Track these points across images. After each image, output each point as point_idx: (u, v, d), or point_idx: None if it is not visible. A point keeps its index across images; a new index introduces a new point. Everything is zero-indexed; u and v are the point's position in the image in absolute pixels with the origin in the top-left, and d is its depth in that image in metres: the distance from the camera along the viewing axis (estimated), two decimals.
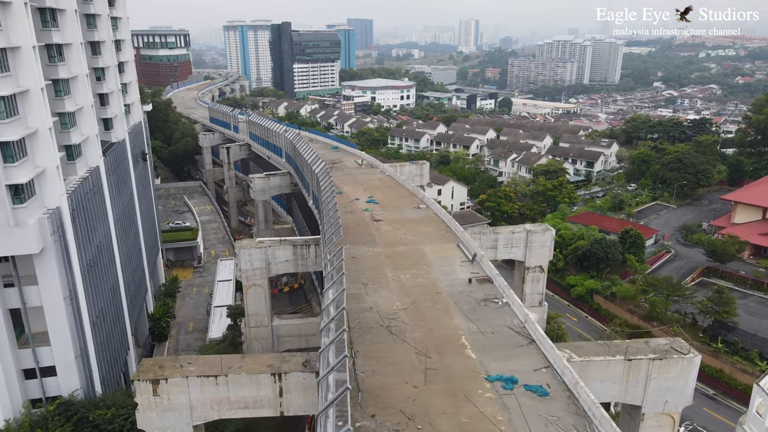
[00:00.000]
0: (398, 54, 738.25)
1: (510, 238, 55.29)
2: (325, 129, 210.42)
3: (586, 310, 76.94)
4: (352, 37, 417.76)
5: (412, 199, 62.09)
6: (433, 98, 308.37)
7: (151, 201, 73.57)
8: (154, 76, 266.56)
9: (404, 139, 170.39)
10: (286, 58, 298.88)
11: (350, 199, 63.28)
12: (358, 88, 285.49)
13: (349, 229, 52.69)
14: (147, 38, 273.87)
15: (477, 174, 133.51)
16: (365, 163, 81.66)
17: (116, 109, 58.84)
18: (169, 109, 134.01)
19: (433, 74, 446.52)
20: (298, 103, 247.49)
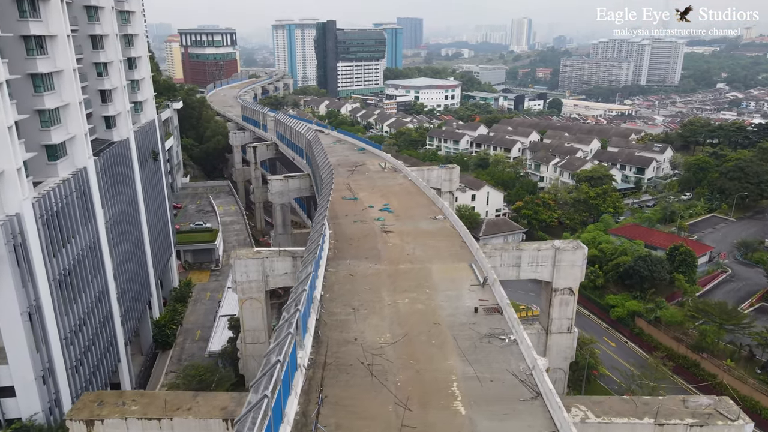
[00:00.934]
0: (447, 53, 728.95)
1: (535, 256, 49.18)
2: (365, 129, 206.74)
3: (626, 334, 69.51)
4: (399, 36, 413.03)
5: (431, 209, 56.77)
6: (479, 98, 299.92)
7: (164, 201, 70.88)
8: (201, 74, 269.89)
9: (443, 141, 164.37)
10: (330, 57, 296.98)
11: (364, 206, 58.56)
12: (402, 87, 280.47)
13: (354, 241, 48.01)
14: (194, 37, 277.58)
15: (516, 178, 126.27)
16: (389, 167, 76.76)
17: (120, 106, 56.02)
18: (203, 107, 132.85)
19: (481, 74, 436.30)
20: (339, 102, 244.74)
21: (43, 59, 40.24)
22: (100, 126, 54.66)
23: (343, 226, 52.41)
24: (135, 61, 64.52)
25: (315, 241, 36.87)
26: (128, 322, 53.39)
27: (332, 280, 39.74)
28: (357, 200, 61.03)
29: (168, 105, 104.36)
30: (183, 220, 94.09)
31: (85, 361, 42.31)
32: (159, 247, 67.05)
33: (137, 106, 65.16)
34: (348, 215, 55.60)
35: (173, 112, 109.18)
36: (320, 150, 66.25)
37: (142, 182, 61.12)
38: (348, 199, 61.55)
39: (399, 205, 58.45)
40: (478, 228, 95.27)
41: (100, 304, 46.08)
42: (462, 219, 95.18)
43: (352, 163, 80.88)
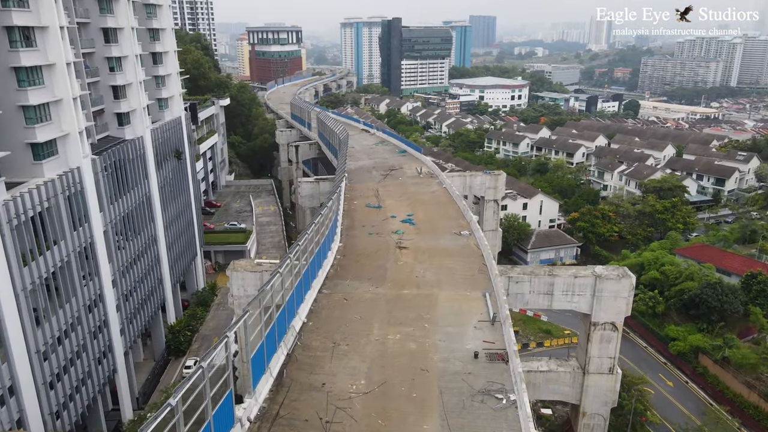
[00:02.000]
0: (520, 52, 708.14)
1: (571, 284, 42.30)
2: (423, 128, 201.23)
3: (687, 372, 60.53)
4: (468, 34, 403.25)
5: (458, 222, 50.78)
6: (548, 99, 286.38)
7: (189, 201, 68.58)
8: (266, 71, 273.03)
9: (502, 143, 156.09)
10: (394, 55, 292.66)
11: (386, 215, 53.41)
12: (466, 86, 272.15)
13: (362, 257, 42.96)
14: (261, 35, 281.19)
15: (577, 186, 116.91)
16: (425, 172, 71.11)
17: (135, 103, 53.64)
18: (253, 104, 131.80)
19: (554, 73, 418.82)
20: (400, 101, 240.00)
21: (29, 52, 37.71)
22: (112, 123, 52.37)
23: (356, 238, 47.54)
24: (160, 57, 62.36)
25: (309, 258, 32.11)
26: (131, 330, 50.88)
27: (323, 305, 34.89)
28: (381, 208, 56.02)
29: (213, 102, 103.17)
30: (220, 219, 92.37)
31: (67, 374, 39.66)
32: (180, 248, 64.75)
33: (161, 103, 63.04)
34: (365, 226, 50.65)
35: (219, 108, 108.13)
36: (343, 153, 61.72)
37: (159, 182, 58.72)
38: (372, 206, 56.62)
39: (424, 216, 52.88)
40: (527, 240, 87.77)
41: (91, 312, 43.47)
42: (510, 230, 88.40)
43: (389, 166, 75.85)
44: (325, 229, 41.12)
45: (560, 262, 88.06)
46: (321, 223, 40.62)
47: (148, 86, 61.91)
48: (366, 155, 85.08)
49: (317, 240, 38.87)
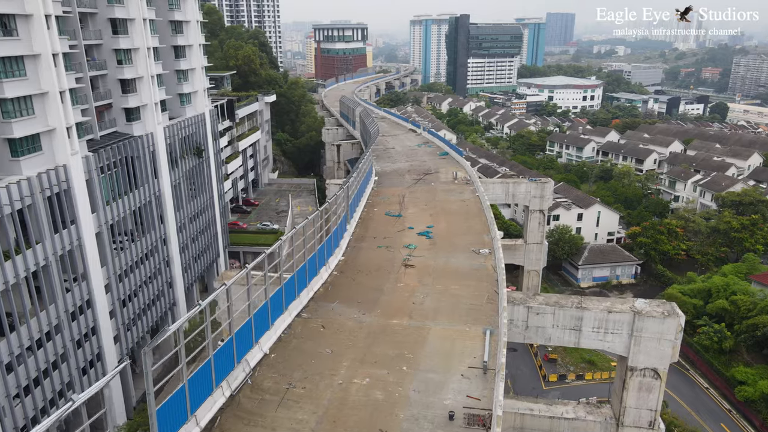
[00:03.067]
0: (599, 51, 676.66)
1: (604, 320, 35.54)
2: (485, 129, 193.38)
3: (756, 424, 51.49)
4: (541, 32, 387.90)
5: (480, 238, 44.72)
6: (624, 100, 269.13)
7: (211, 200, 66.15)
8: (330, 68, 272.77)
9: (565, 146, 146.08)
10: (460, 52, 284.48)
11: (404, 226, 48.17)
12: (535, 86, 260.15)
13: (360, 275, 38.01)
14: (326, 32, 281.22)
15: (643, 196, 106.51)
16: (461, 178, 65.08)
17: (146, 98, 51.20)
18: (302, 101, 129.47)
19: (633, 73, 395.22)
20: (463, 100, 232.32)
21: (6, 41, 35.37)
22: (121, 118, 50.11)
23: (362, 251, 42.68)
24: (183, 50, 59.99)
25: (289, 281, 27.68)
26: (130, 336, 48.43)
27: (296, 332, 30.27)
28: (400, 218, 50.85)
29: (257, 98, 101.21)
30: (258, 218, 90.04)
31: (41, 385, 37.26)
32: (198, 249, 62.29)
33: (183, 99, 60.70)
34: (377, 237, 45.68)
35: (264, 105, 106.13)
36: (368, 155, 56.93)
37: (173, 180, 56.30)
38: (391, 215, 51.54)
39: (445, 229, 47.24)
40: (579, 255, 79.65)
41: (77, 319, 41.05)
42: (559, 243, 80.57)
43: (424, 170, 70.38)
44: (316, 242, 36.60)
45: (616, 280, 79.44)
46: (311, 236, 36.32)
47: (169, 81, 59.81)
48: (404, 157, 79.94)
49: (303, 254, 34.61)
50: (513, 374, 59.11)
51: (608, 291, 77.90)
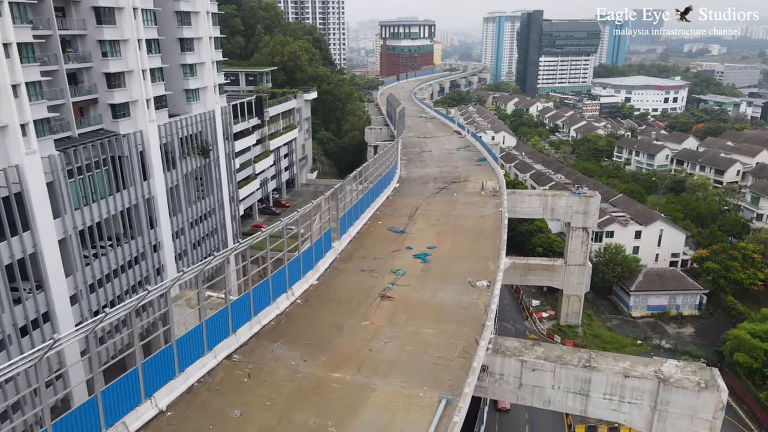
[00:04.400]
0: (690, 50, 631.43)
1: (618, 385, 27.86)
2: (550, 132, 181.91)
3: None
4: (624, 29, 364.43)
5: (485, 266, 37.56)
6: (713, 103, 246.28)
7: (220, 203, 62.41)
8: (395, 66, 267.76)
9: (635, 153, 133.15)
10: (532, 50, 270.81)
11: (402, 245, 41.82)
12: (611, 86, 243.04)
13: (325, 307, 32.10)
14: (392, 29, 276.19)
15: (720, 213, 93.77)
16: (490, 188, 57.60)
17: (136, 93, 47.62)
18: (348, 99, 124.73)
19: (726, 74, 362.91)
20: (530, 101, 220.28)
21: None
22: (107, 115, 46.75)
23: (341, 275, 36.84)
24: (190, 43, 56.29)
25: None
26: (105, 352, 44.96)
27: (214, 381, 24.80)
28: (403, 234, 44.54)
29: (294, 96, 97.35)
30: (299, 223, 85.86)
31: None
32: (200, 255, 58.62)
33: (189, 94, 57.09)
34: (366, 257, 39.65)
35: (304, 103, 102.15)
36: (370, 163, 50.81)
37: (170, 182, 52.72)
38: (394, 230, 45.30)
39: (447, 251, 40.46)
40: (632, 279, 69.81)
41: (29, 333, 37.75)
42: (609, 264, 70.98)
43: (453, 177, 63.44)
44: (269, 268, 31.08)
45: (675, 311, 69.05)
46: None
47: (175, 76, 56.36)
48: (437, 162, 73.15)
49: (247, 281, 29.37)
50: (533, 419, 51.41)
51: (665, 323, 67.65)
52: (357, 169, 46.09)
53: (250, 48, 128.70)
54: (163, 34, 54.49)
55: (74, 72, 45.17)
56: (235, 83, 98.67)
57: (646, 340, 63.32)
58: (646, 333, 64.52)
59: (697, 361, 60.89)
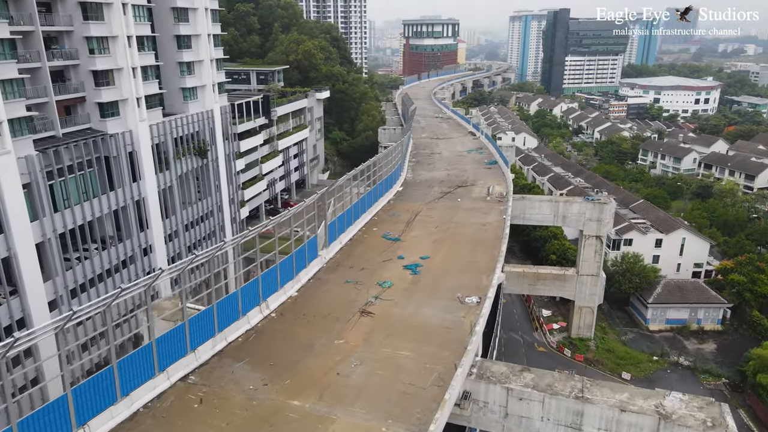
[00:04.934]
0: (725, 50, 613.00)
1: (613, 420, 25.01)
2: (573, 133, 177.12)
3: None
4: (655, 28, 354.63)
5: (478, 280, 34.88)
6: (747, 104, 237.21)
7: (219, 205, 60.90)
8: (417, 65, 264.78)
9: (660, 156, 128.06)
10: (557, 50, 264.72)
11: (395, 254, 39.41)
12: (639, 86, 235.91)
13: (298, 322, 29.86)
14: (415, 28, 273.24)
15: (748, 221, 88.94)
16: (497, 194, 54.79)
17: (126, 91, 46.18)
18: (363, 99, 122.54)
19: (761, 74, 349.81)
20: (554, 101, 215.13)
21: None
22: (95, 114, 45.38)
23: (324, 286, 34.63)
24: (186, 40, 54.77)
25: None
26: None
27: (163, 406, 22.68)
28: (397, 242, 42.11)
29: (306, 95, 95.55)
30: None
31: None
32: None
33: (186, 93, 55.58)
34: (354, 267, 37.35)
35: (316, 102, 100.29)
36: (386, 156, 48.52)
37: (162, 183, 51.26)
38: (389, 238, 42.92)
39: (441, 262, 37.93)
40: (650, 290, 66.09)
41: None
42: (626, 274, 67.33)
43: (460, 181, 60.75)
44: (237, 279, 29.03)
45: (696, 325, 65.13)
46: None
47: (172, 74, 54.92)
48: (446, 164, 70.47)
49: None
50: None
51: (684, 338, 63.80)
52: (354, 170, 43.79)
53: (267, 47, 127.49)
54: (159, 31, 53.15)
55: (61, 69, 43.90)
56: (246, 82, 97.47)
57: (663, 356, 59.62)
58: (664, 349, 60.80)
59: (718, 381, 57.27)
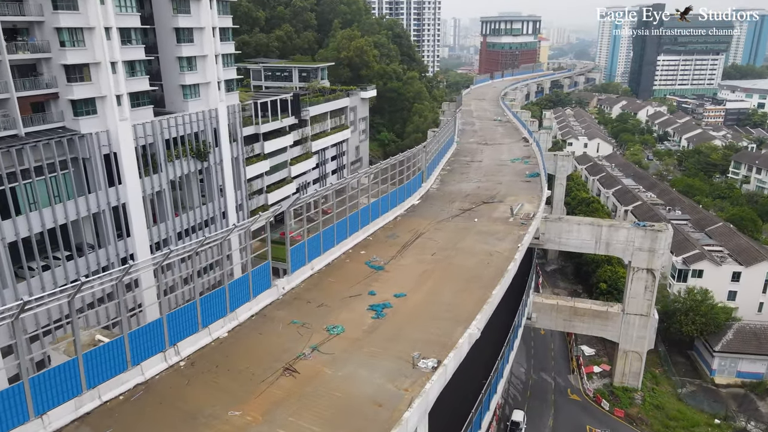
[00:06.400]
0: None
1: None
2: (657, 140, 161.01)
3: None
4: (765, 26, 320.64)
5: (448, 332, 27.51)
6: None
7: (223, 209, 56.77)
8: (493, 64, 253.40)
9: (755, 169, 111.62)
10: (649, 48, 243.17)
11: (369, 288, 32.79)
12: (741, 89, 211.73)
13: (201, 378, 24.17)
14: (493, 25, 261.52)
15: None
16: (523, 215, 46.53)
17: (105, 88, 42.56)
18: (417, 98, 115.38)
19: None
20: (640, 104, 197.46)
21: None
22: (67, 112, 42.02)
23: (263, 327, 28.73)
24: (187, 33, 50.67)
25: None
26: None
27: None
28: (379, 271, 35.48)
29: (347, 94, 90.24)
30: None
31: None
32: None
33: (186, 91, 51.60)
34: (312, 302, 31.26)
35: (360, 101, 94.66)
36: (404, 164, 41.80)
37: (149, 189, 47.45)
38: (370, 266, 36.33)
39: (417, 303, 30.99)
40: (719, 335, 55.01)
41: None
42: (690, 314, 56.54)
43: (488, 196, 52.96)
44: None
45: None
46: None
47: (172, 69, 51.14)
48: (482, 175, 62.57)
49: None
50: None
51: (759, 397, 52.30)
52: (328, 187, 37.39)
53: (325, 44, 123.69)
54: (158, 23, 49.47)
55: (34, 63, 40.77)
56: (288, 79, 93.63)
57: (728, 419, 48.84)
58: (730, 410, 49.93)
59: None
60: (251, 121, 65.47)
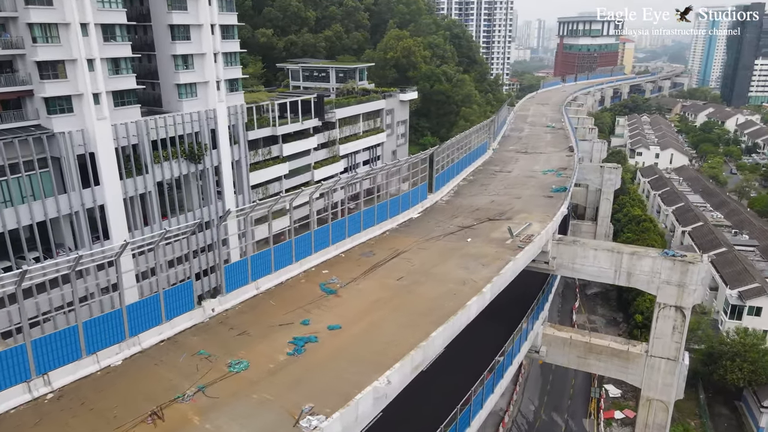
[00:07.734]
0: None
1: None
2: (744, 152, 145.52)
3: None
4: None
5: (365, 377, 22.92)
6: None
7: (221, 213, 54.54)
8: (569, 66, 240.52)
9: None
10: (745, 51, 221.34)
11: (304, 316, 28.70)
12: None
13: (60, 415, 21.09)
14: (571, 25, 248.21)
15: None
16: (522, 237, 40.71)
17: (81, 86, 41.32)
18: (466, 102, 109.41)
19: None
20: (729, 111, 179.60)
21: None
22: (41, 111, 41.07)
23: (165, 356, 25.58)
24: (183, 30, 48.82)
25: None
26: None
27: None
28: (330, 296, 31.41)
29: (384, 96, 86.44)
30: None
31: None
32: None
33: (181, 90, 49.77)
34: (235, 329, 27.77)
35: (399, 104, 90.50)
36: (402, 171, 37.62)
37: (130, 191, 45.92)
38: (324, 289, 32.35)
39: (351, 337, 27.02)
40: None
41: None
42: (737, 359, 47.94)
43: (497, 213, 47.38)
44: None
45: None
46: None
47: (167, 68, 49.57)
48: (503, 187, 56.83)
49: None
50: None
51: None
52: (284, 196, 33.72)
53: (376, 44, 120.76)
54: (154, 20, 47.97)
55: (10, 60, 40.06)
56: (326, 80, 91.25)
57: None
58: None
59: None
60: (268, 122, 63.29)
